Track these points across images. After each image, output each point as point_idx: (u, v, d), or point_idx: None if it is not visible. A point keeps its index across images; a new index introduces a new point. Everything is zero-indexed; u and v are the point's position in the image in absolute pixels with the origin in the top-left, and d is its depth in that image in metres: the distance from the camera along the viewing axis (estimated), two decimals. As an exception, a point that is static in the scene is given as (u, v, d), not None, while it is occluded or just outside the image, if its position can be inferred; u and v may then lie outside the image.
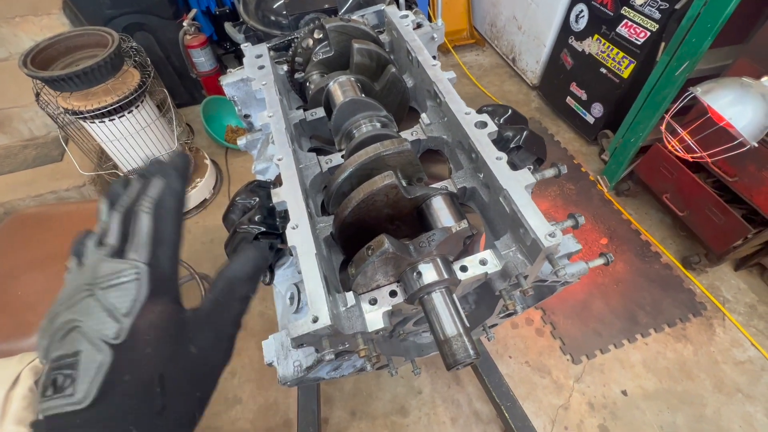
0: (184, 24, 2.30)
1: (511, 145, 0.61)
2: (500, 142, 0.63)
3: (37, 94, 1.60)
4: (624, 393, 1.56)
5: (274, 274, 0.67)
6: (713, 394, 1.54)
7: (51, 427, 0.23)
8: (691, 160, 1.55)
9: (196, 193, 2.17)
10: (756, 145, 1.33)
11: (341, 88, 0.68)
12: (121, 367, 0.24)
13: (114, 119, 1.69)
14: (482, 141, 0.55)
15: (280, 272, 0.67)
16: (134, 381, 0.25)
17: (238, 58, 2.86)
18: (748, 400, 1.52)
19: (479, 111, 0.63)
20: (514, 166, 0.54)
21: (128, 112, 1.72)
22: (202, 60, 2.47)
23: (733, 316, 1.73)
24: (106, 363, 0.24)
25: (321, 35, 0.76)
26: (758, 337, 1.67)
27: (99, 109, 1.60)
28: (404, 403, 1.55)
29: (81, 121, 1.69)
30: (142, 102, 1.76)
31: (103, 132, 1.71)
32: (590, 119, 2.36)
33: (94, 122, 1.67)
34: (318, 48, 0.78)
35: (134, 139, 1.79)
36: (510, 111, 0.66)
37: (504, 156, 0.53)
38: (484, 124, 0.57)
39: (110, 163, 1.96)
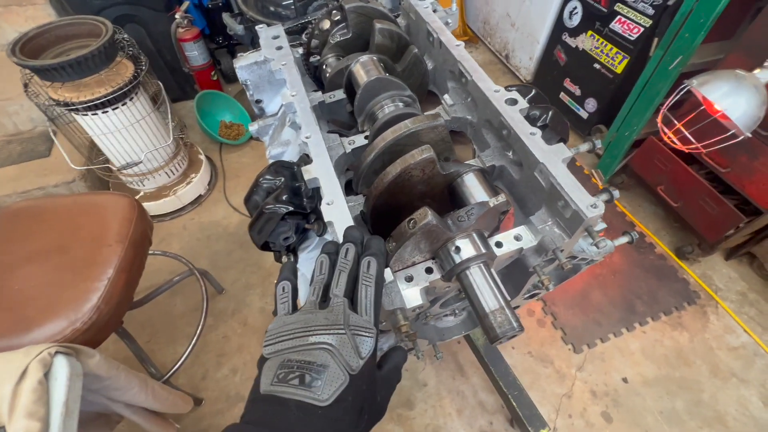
0: (177, 16, 2.25)
1: (538, 124, 0.61)
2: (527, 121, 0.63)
3: (26, 85, 1.53)
4: (624, 380, 1.59)
5: (298, 257, 0.65)
6: (709, 379, 1.59)
7: (297, 409, 0.32)
8: (686, 151, 1.59)
9: (191, 189, 2.12)
10: (750, 135, 1.37)
11: (364, 68, 0.67)
12: (349, 390, 0.34)
13: (107, 111, 1.63)
14: (515, 117, 0.55)
15: (303, 255, 0.66)
16: (353, 402, 0.34)
17: (231, 53, 2.80)
18: (743, 384, 1.57)
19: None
20: (543, 143, 0.54)
21: (122, 105, 1.66)
22: (195, 54, 2.42)
23: (726, 304, 1.79)
24: (345, 383, 0.34)
25: (339, 17, 0.75)
26: (750, 323, 1.73)
27: (92, 101, 1.54)
28: (410, 396, 1.55)
29: (72, 114, 1.63)
30: (136, 94, 1.71)
31: (96, 125, 1.65)
32: (584, 114, 2.40)
33: (86, 114, 1.61)
34: (335, 30, 0.77)
35: (128, 132, 1.74)
36: (533, 91, 0.66)
37: (538, 131, 0.53)
38: (514, 101, 0.57)
39: (102, 157, 1.90)
